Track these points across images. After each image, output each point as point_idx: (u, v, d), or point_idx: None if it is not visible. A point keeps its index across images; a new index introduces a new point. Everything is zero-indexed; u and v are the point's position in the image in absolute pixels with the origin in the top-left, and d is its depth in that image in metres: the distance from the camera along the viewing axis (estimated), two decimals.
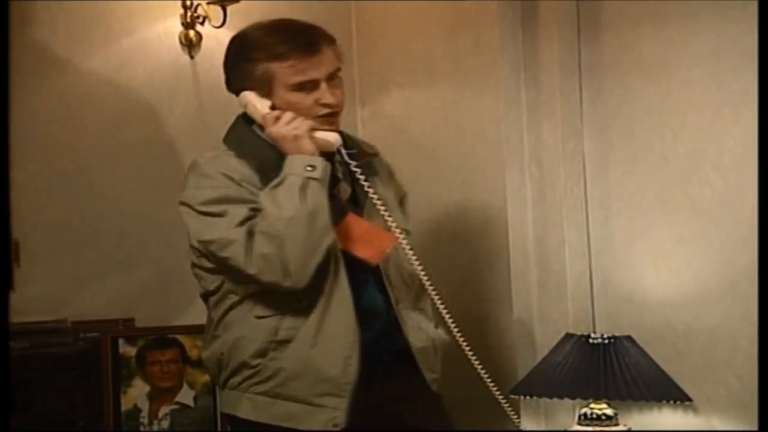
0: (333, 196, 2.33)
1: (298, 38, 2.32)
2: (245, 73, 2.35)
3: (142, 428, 3.00)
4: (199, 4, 3.31)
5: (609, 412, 2.77)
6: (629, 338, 2.79)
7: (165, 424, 3.02)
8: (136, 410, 3.01)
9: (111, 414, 2.98)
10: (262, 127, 2.37)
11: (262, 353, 2.32)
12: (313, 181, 2.25)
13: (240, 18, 3.37)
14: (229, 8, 3.30)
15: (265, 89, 2.33)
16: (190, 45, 3.35)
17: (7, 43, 2.77)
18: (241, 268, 2.25)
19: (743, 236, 2.65)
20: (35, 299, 3.07)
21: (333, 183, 2.35)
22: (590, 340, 2.77)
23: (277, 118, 2.31)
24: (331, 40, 2.38)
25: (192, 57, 3.37)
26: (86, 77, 3.24)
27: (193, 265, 2.41)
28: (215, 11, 3.31)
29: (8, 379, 2.21)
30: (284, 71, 2.30)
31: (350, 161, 2.33)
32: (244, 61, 2.35)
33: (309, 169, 2.26)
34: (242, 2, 3.32)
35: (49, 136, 3.18)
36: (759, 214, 2.41)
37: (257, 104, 2.34)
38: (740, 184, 2.69)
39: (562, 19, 3.03)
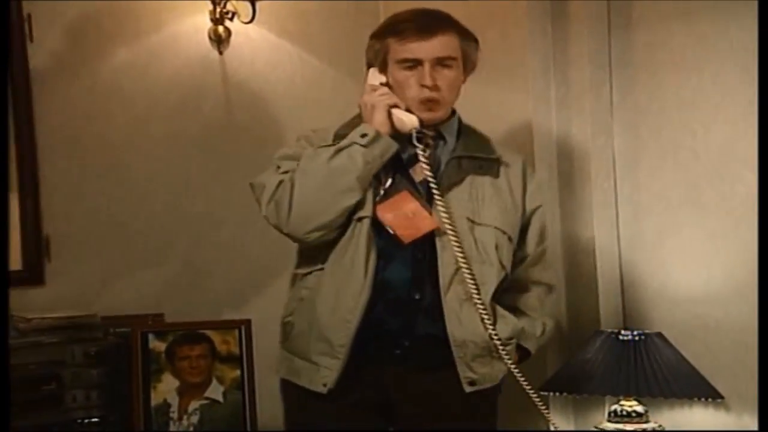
0: (406, 175, 2.43)
1: (419, 18, 2.43)
2: (371, 48, 2.48)
3: (171, 423, 3.00)
4: (228, 0, 3.31)
5: (639, 409, 2.76)
6: (660, 335, 2.78)
7: (194, 419, 3.02)
8: (166, 405, 3.01)
9: (141, 409, 2.99)
10: None
11: (291, 311, 2.47)
12: (357, 147, 2.35)
13: (269, 14, 3.39)
14: (258, 4, 3.30)
15: (382, 64, 2.45)
16: (219, 41, 3.36)
17: (7, 44, 2.76)
18: (261, 210, 2.41)
19: None
20: (65, 294, 3.08)
21: (411, 163, 2.43)
22: (620, 337, 2.77)
23: (374, 90, 2.42)
24: (455, 30, 2.46)
25: (221, 53, 3.37)
26: (115, 73, 3.24)
27: None
28: (244, 7, 3.31)
29: (8, 378, 2.22)
30: (395, 47, 2.42)
31: (417, 144, 2.39)
32: (374, 37, 2.48)
33: (361, 136, 2.36)
34: None
35: (79, 132, 3.19)
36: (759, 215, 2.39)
37: (370, 76, 2.45)
38: None
39: (593, 14, 3.02)
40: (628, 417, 2.76)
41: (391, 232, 2.37)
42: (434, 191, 2.38)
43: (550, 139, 3.07)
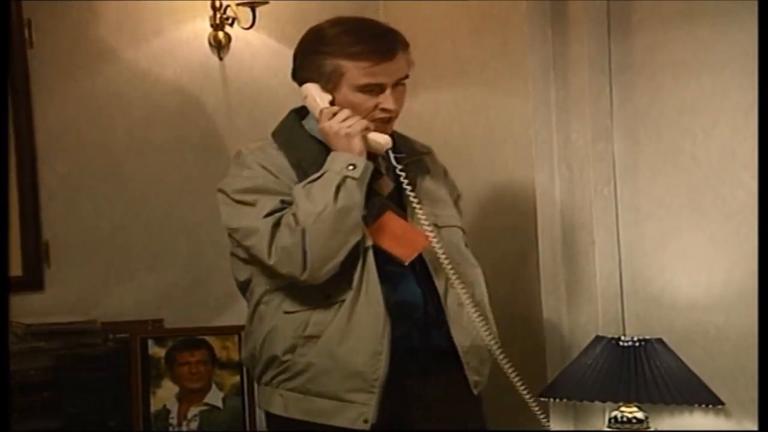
0: (372, 190, 2.37)
1: (376, 41, 2.33)
2: (314, 65, 2.36)
3: (171, 429, 3.01)
4: (228, 6, 3.32)
5: (640, 415, 2.75)
6: (660, 341, 2.77)
7: (194, 425, 3.03)
8: (165, 411, 3.02)
9: (140, 415, 2.99)
10: (316, 121, 2.39)
11: (291, 349, 2.35)
12: (351, 180, 2.28)
13: (269, 19, 3.39)
14: (258, 10, 3.30)
15: (330, 84, 2.35)
16: (219, 46, 3.36)
17: (7, 44, 2.76)
18: (263, 257, 2.29)
19: None
20: (65, 300, 3.09)
21: (374, 177, 2.37)
22: (620, 343, 2.75)
23: (334, 114, 2.33)
24: (405, 46, 2.39)
25: (221, 58, 3.38)
26: (115, 78, 3.25)
27: (231, 254, 2.47)
28: (244, 13, 3.31)
29: (8, 378, 2.22)
30: (355, 71, 2.32)
31: (397, 164, 2.35)
32: (316, 53, 2.36)
33: (350, 167, 2.28)
34: (271, 3, 3.32)
35: (78, 137, 3.20)
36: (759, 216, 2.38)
37: (317, 97, 2.35)
38: None
39: (593, 18, 3.00)
40: (629, 423, 2.75)
41: (392, 254, 2.35)
42: (414, 203, 2.35)
43: (550, 143, 3.06)
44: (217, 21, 3.34)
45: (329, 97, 2.35)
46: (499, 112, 3.20)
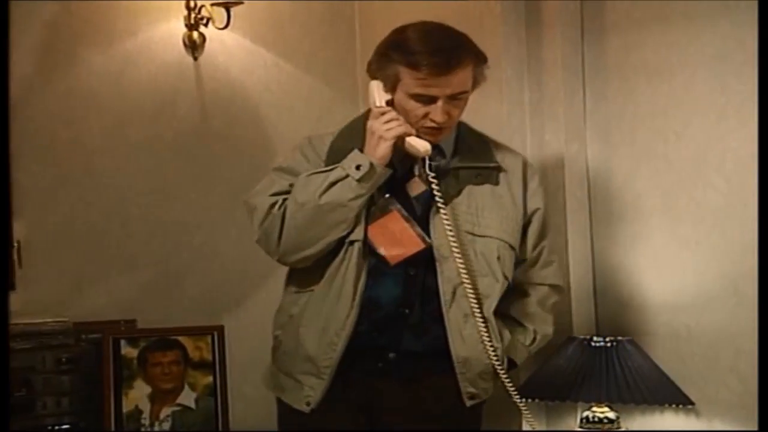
0: (402, 190, 2.41)
1: (437, 54, 2.32)
2: (380, 64, 2.40)
3: (143, 430, 2.99)
4: (203, 6, 3.31)
5: (611, 415, 2.76)
6: (631, 341, 2.79)
7: (166, 425, 3.01)
8: (138, 412, 3.00)
9: (112, 415, 2.98)
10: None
11: (281, 326, 2.48)
12: (350, 180, 2.31)
13: (244, 20, 3.38)
14: (233, 10, 3.29)
15: (388, 86, 2.38)
16: (194, 46, 3.35)
17: (7, 44, 2.76)
18: (254, 234, 2.42)
19: (746, 239, 2.64)
20: (37, 300, 3.07)
21: (407, 177, 2.42)
22: (593, 343, 2.77)
23: (382, 114, 2.36)
24: (473, 62, 2.38)
25: (195, 58, 3.36)
26: (89, 78, 3.23)
27: None
28: (219, 13, 3.30)
29: (8, 378, 2.21)
30: (409, 79, 2.34)
31: (429, 172, 2.37)
32: (384, 55, 2.39)
33: (356, 168, 2.32)
34: (246, 4, 3.31)
35: (53, 137, 3.18)
36: (759, 217, 2.40)
37: (377, 95, 2.40)
38: (743, 187, 2.68)
39: (566, 21, 3.02)
40: (600, 423, 2.77)
41: (380, 252, 2.37)
42: (441, 209, 2.36)
43: (524, 145, 3.07)
44: (192, 21, 3.32)
45: (388, 97, 2.39)
46: (473, 113, 3.19)
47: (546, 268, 2.56)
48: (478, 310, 2.36)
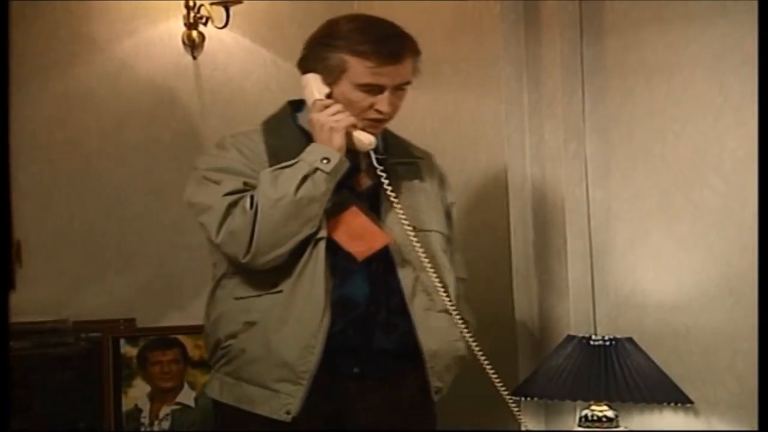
0: (347, 186, 2.37)
1: (385, 43, 2.33)
2: (320, 56, 2.36)
3: (143, 428, 3.01)
4: (202, 5, 3.32)
5: (610, 414, 2.76)
6: (630, 340, 2.79)
7: (166, 424, 3.02)
8: (137, 410, 3.01)
9: (112, 414, 2.99)
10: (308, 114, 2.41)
11: (233, 334, 2.36)
12: (320, 173, 2.28)
13: (243, 19, 3.39)
14: (232, 9, 3.30)
15: (331, 78, 2.35)
16: (193, 46, 3.36)
17: (7, 44, 2.77)
18: (211, 235, 2.31)
19: (744, 239, 2.64)
20: (36, 299, 3.08)
21: (352, 173, 2.38)
22: (591, 342, 2.77)
23: (326, 106, 2.34)
24: (415, 53, 2.40)
25: (195, 58, 3.38)
26: (88, 78, 3.25)
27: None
28: (218, 12, 3.32)
29: (8, 378, 2.21)
30: (358, 69, 2.32)
31: (377, 165, 2.36)
32: (325, 45, 2.36)
33: (324, 161, 2.29)
34: (245, 3, 3.32)
35: (51, 137, 3.19)
36: (759, 217, 2.41)
37: (315, 88, 2.36)
38: (742, 187, 2.68)
39: (565, 21, 3.02)
40: (599, 422, 2.76)
41: (347, 250, 2.34)
42: (395, 202, 2.36)
43: (522, 144, 3.08)
44: (191, 20, 3.34)
45: (327, 90, 2.36)
46: (472, 113, 3.21)
47: (456, 262, 2.57)
48: (448, 300, 2.37)
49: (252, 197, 2.28)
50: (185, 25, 3.35)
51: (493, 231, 3.14)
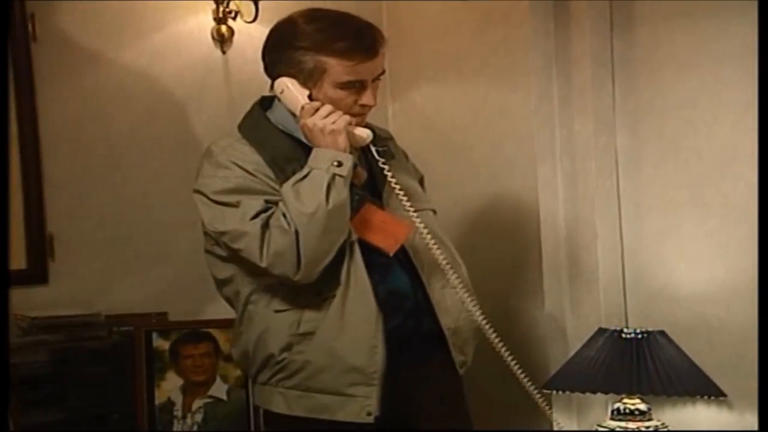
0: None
1: (360, 39, 2.31)
2: (292, 61, 2.33)
3: (175, 422, 3.01)
4: (231, 0, 3.32)
5: (642, 407, 2.76)
6: (662, 333, 2.79)
7: (198, 417, 3.03)
8: (170, 404, 3.02)
9: (144, 407, 3.00)
10: (283, 113, 2.39)
11: (287, 347, 2.35)
12: (339, 178, 2.26)
13: (272, 13, 3.36)
14: (261, 3, 3.30)
15: (311, 81, 2.33)
16: (222, 40, 3.36)
17: (7, 43, 2.78)
18: (254, 260, 2.27)
19: None
20: (69, 293, 3.09)
21: None
22: (623, 335, 2.77)
23: (316, 109, 2.31)
24: (384, 42, 2.38)
25: (224, 52, 3.38)
26: (118, 72, 3.25)
27: (206, 251, 2.47)
28: (247, 6, 3.32)
29: (8, 378, 2.23)
30: (339, 68, 2.30)
31: (379, 157, 2.37)
32: (294, 49, 2.33)
33: (336, 165, 2.27)
34: None
35: (82, 131, 3.20)
36: (759, 216, 2.39)
37: (297, 93, 2.33)
38: None
39: (595, 14, 3.02)
40: (632, 415, 2.76)
41: (376, 246, 2.35)
42: (399, 193, 2.36)
43: (553, 137, 3.07)
44: (220, 15, 3.34)
45: (307, 92, 2.33)
46: (501, 106, 3.21)
47: None
48: (456, 276, 2.38)
49: (285, 215, 2.25)
50: (214, 19, 3.35)
51: (523, 224, 3.13)
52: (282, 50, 2.36)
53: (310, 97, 2.33)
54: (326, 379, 2.34)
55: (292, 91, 2.33)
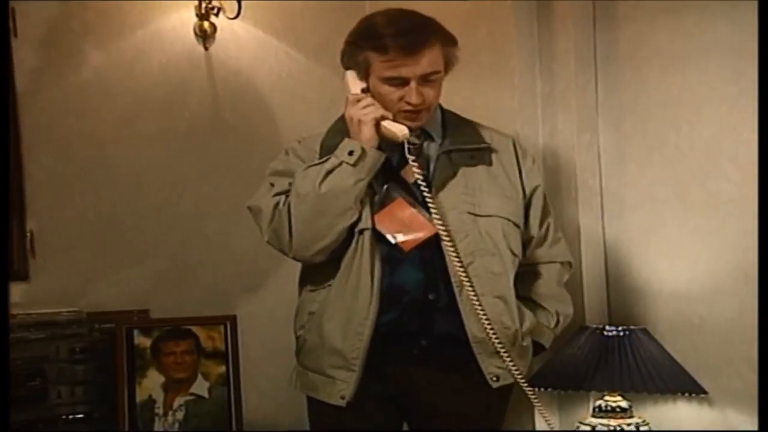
0: (397, 178, 2.42)
1: (402, 37, 2.35)
2: (350, 54, 2.44)
3: (156, 419, 3.00)
4: None
5: (624, 404, 2.77)
6: (644, 330, 2.79)
7: (180, 415, 3.02)
8: (151, 401, 3.01)
9: (126, 405, 2.98)
10: None
11: (303, 325, 2.49)
12: (346, 165, 2.33)
13: (254, 10, 3.39)
14: (243, 1, 3.29)
15: (361, 74, 2.42)
16: (205, 36, 3.35)
17: (8, 44, 2.77)
18: (263, 235, 2.44)
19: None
20: (51, 290, 3.08)
21: (400, 164, 2.43)
22: (605, 333, 2.77)
23: (358, 101, 2.39)
24: (439, 41, 2.40)
25: (206, 48, 3.36)
26: (101, 69, 3.23)
27: None
28: (230, 3, 3.31)
29: (8, 378, 2.21)
30: (380, 64, 2.37)
31: (409, 155, 2.38)
32: (353, 44, 2.44)
33: (349, 153, 2.34)
34: None
35: (65, 129, 3.18)
36: (759, 216, 2.40)
37: (351, 84, 2.44)
38: (757, 176, 2.67)
39: (578, 12, 3.02)
40: (613, 412, 2.77)
41: (393, 241, 2.38)
42: (426, 194, 2.37)
43: (536, 135, 3.07)
44: (203, 11, 3.32)
45: (363, 85, 2.42)
46: (485, 105, 3.20)
47: (555, 245, 2.61)
48: (471, 289, 2.37)
49: (287, 196, 2.38)
50: (197, 15, 3.33)
51: None
52: (349, 43, 2.46)
53: (365, 91, 2.41)
54: (316, 359, 2.44)
55: (348, 82, 2.44)
